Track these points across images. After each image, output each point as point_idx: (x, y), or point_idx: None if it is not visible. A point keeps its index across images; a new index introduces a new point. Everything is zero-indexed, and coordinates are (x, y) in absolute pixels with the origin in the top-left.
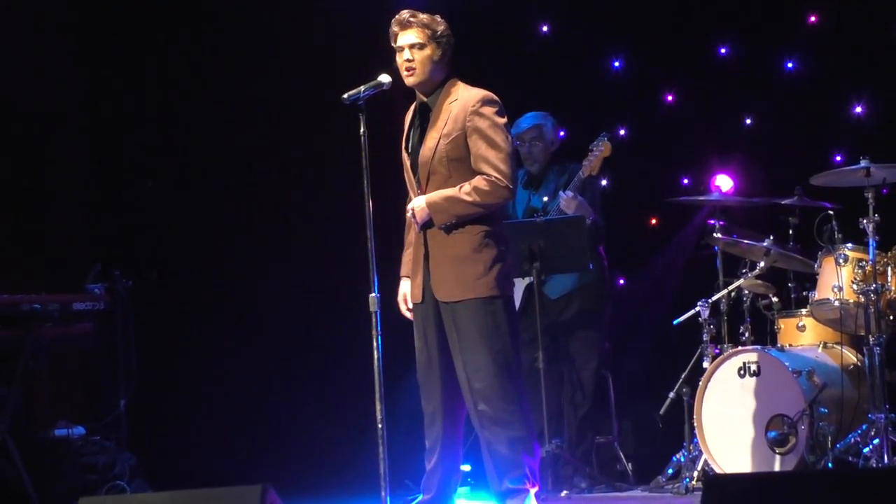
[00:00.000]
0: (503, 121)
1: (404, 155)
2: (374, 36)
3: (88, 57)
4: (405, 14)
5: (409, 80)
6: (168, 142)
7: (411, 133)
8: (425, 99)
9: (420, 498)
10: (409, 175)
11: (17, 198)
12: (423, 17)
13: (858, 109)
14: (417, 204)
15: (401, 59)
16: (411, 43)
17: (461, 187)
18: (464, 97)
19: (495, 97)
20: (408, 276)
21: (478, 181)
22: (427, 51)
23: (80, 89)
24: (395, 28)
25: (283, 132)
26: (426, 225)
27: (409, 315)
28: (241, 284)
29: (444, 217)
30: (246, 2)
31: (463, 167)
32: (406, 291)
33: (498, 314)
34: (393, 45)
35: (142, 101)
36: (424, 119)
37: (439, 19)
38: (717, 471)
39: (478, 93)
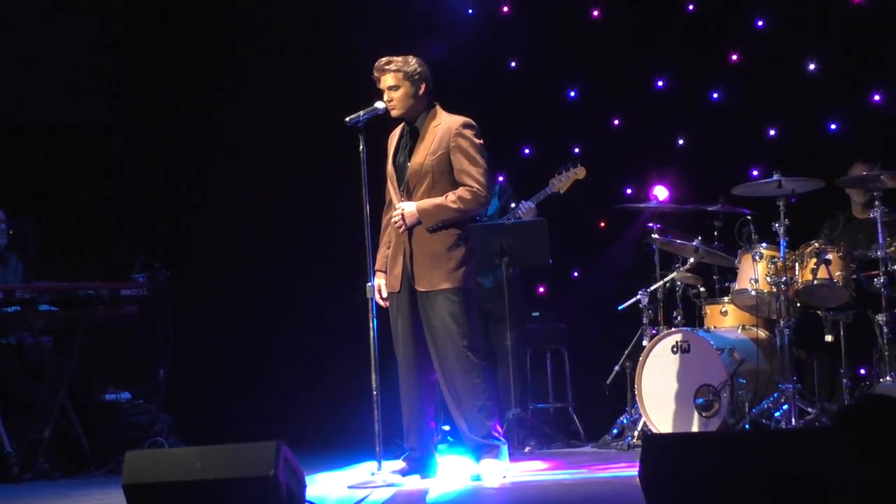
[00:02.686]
0: (481, 142)
1: (391, 168)
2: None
3: (132, 78)
4: (382, 62)
5: (393, 114)
6: (199, 154)
7: (399, 150)
8: (410, 125)
9: (408, 454)
10: (393, 185)
11: (77, 205)
12: (398, 60)
13: (772, 132)
14: (408, 208)
15: (385, 98)
16: (389, 86)
17: (447, 196)
18: (447, 121)
19: (473, 122)
20: (382, 271)
21: (461, 192)
22: (402, 89)
23: (124, 107)
24: (376, 74)
25: (297, 149)
26: (412, 226)
27: (383, 304)
28: (261, 275)
29: (432, 221)
30: (268, 34)
31: (445, 180)
32: (381, 283)
33: (465, 303)
34: (378, 86)
35: (177, 120)
36: (412, 140)
37: (412, 59)
38: (654, 431)
39: (459, 118)
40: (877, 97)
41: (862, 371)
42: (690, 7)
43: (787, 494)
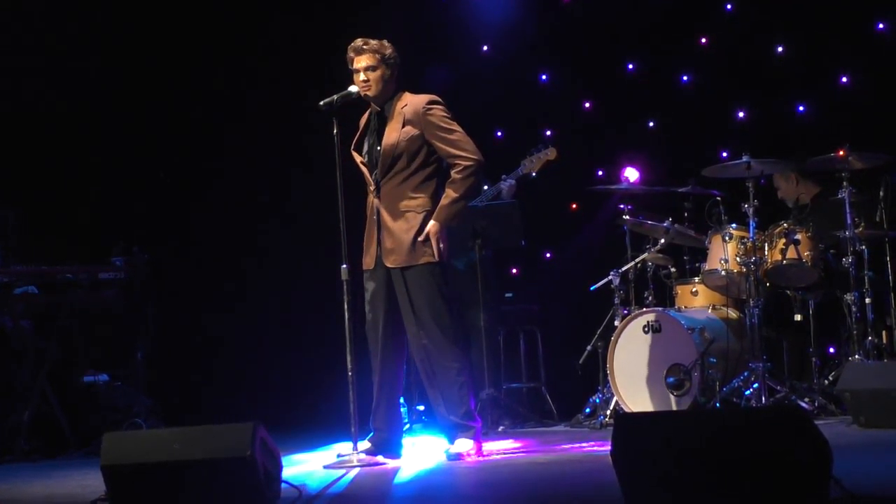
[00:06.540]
0: (450, 114)
1: (354, 154)
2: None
3: (109, 63)
4: (359, 42)
5: (367, 95)
6: (177, 145)
7: (366, 136)
8: (379, 108)
9: (372, 435)
10: (365, 171)
11: (59, 191)
12: (374, 43)
13: (741, 114)
14: (432, 230)
15: (357, 78)
16: (365, 66)
17: (448, 191)
18: (413, 102)
19: (437, 97)
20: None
21: (454, 175)
22: (378, 72)
23: (102, 93)
24: (351, 54)
25: (274, 133)
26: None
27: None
28: (239, 260)
29: (455, 219)
30: (245, 17)
31: (419, 159)
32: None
33: (441, 279)
34: (350, 67)
35: (155, 105)
36: (380, 123)
37: (387, 43)
38: (626, 410)
39: (423, 96)
40: (844, 79)
41: (831, 350)
42: None
43: (757, 472)
